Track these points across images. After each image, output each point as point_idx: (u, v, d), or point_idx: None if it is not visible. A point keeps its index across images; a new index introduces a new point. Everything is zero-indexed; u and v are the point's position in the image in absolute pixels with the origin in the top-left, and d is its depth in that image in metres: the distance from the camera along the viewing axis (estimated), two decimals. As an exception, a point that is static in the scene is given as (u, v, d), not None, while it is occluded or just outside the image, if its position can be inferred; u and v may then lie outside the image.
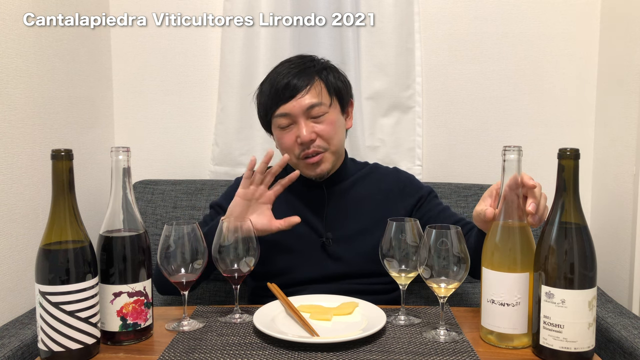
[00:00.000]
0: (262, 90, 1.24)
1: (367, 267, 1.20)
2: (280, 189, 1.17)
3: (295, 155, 1.20)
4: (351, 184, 1.30)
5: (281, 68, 1.22)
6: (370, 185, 1.30)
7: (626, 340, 1.09)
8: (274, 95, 1.19)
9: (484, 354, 0.87)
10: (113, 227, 0.92)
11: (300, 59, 1.25)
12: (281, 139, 1.21)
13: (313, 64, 1.23)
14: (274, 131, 1.24)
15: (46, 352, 0.83)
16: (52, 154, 0.83)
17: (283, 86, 1.17)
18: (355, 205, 1.27)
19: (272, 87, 1.19)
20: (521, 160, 0.90)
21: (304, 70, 1.20)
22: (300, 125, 1.17)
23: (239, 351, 0.87)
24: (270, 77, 1.22)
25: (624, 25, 1.55)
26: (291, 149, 1.20)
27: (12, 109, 1.23)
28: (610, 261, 1.55)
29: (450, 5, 1.71)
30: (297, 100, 1.17)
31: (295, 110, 1.17)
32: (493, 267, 0.89)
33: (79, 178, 0.95)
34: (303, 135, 1.16)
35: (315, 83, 1.19)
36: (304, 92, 1.17)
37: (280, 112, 1.18)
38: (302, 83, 1.18)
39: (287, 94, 1.17)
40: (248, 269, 0.99)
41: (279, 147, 1.25)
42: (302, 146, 1.18)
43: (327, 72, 1.23)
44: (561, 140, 1.72)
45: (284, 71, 1.20)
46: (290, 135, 1.19)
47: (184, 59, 1.75)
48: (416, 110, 1.72)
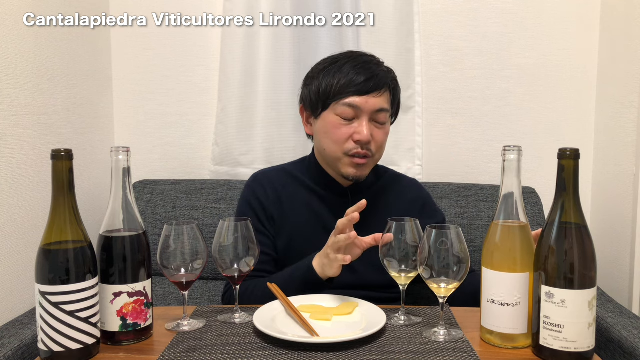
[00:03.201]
0: (337, 69, 1.17)
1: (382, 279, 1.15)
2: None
3: (344, 151, 1.16)
4: (375, 193, 1.27)
5: (358, 59, 1.18)
6: (393, 196, 1.29)
7: (626, 340, 1.09)
8: (349, 83, 1.14)
9: (484, 354, 0.87)
10: (113, 227, 0.92)
11: (370, 57, 1.21)
12: (337, 128, 1.16)
13: (386, 69, 1.20)
14: (327, 116, 1.17)
15: (46, 352, 0.83)
16: (52, 154, 0.83)
17: (366, 78, 1.14)
18: (376, 216, 1.23)
19: (352, 73, 1.14)
20: (521, 160, 0.90)
21: (380, 73, 1.17)
22: (363, 123, 1.14)
23: (239, 351, 0.87)
24: (350, 62, 1.17)
25: (624, 25, 1.55)
26: (341, 143, 1.16)
27: (12, 109, 1.23)
28: (610, 261, 1.55)
29: (450, 5, 1.71)
30: (373, 98, 1.14)
31: (366, 107, 1.14)
32: (493, 267, 0.89)
33: (79, 178, 0.95)
34: (364, 135, 1.13)
35: (386, 89, 1.17)
36: (380, 93, 1.15)
37: (350, 102, 1.14)
38: (380, 84, 1.15)
39: (366, 88, 1.13)
40: (248, 269, 0.99)
41: (323, 135, 1.19)
42: (357, 144, 1.15)
43: (395, 83, 1.21)
44: (561, 140, 1.72)
45: (362, 64, 1.16)
46: (347, 129, 1.15)
47: (184, 59, 1.75)
48: (416, 110, 1.72)
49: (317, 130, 1.21)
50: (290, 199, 1.25)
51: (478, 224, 1.54)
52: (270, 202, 1.25)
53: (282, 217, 1.24)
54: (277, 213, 1.25)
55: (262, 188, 1.27)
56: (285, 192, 1.26)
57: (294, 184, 1.27)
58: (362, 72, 1.15)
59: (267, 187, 1.27)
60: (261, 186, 1.27)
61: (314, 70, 1.22)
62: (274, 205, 1.25)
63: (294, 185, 1.27)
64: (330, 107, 1.16)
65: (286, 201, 1.25)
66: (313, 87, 1.19)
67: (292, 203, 1.25)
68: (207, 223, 1.54)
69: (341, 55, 1.21)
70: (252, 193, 1.27)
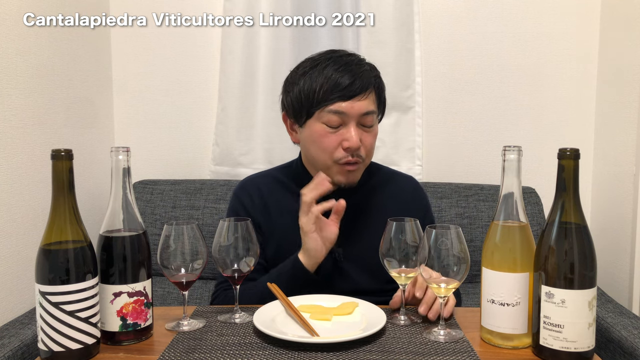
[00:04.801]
0: (318, 73, 1.11)
1: (378, 286, 1.17)
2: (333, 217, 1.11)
3: (334, 159, 1.12)
4: (366, 193, 1.23)
5: (339, 60, 1.12)
6: (386, 196, 1.25)
7: (626, 340, 1.09)
8: (333, 88, 1.09)
9: (484, 354, 0.87)
10: (113, 227, 0.92)
11: (351, 56, 1.15)
12: (324, 137, 1.11)
13: (368, 68, 1.15)
14: (313, 125, 1.12)
15: (46, 352, 0.83)
16: (52, 154, 0.83)
17: (348, 83, 1.08)
18: (369, 219, 1.21)
19: (332, 78, 1.09)
20: (521, 160, 0.90)
21: (363, 73, 1.11)
22: (351, 129, 1.10)
23: (239, 351, 0.87)
24: (331, 64, 1.11)
25: (624, 25, 1.55)
26: (330, 151, 1.12)
27: (12, 109, 1.23)
28: (610, 261, 1.55)
29: (450, 5, 1.71)
30: (358, 103, 1.09)
31: (352, 112, 1.09)
32: (493, 267, 0.89)
33: (79, 178, 0.95)
34: (353, 141, 1.09)
35: (371, 89, 1.12)
36: (365, 96, 1.10)
37: (335, 109, 1.09)
38: (365, 86, 1.10)
39: (351, 92, 1.09)
40: (248, 269, 0.99)
41: (310, 144, 1.15)
42: (347, 151, 1.11)
43: (378, 81, 1.16)
44: (561, 140, 1.72)
45: (343, 66, 1.11)
46: (335, 136, 1.11)
47: (184, 59, 1.75)
48: (416, 110, 1.72)
49: (303, 139, 1.17)
50: (276, 205, 1.23)
51: (478, 224, 1.54)
52: (256, 209, 1.23)
53: (269, 223, 1.22)
54: (263, 220, 1.22)
55: (248, 196, 1.25)
56: (271, 198, 1.24)
57: (281, 190, 1.25)
58: (345, 74, 1.09)
59: (254, 195, 1.25)
60: (247, 194, 1.25)
61: (293, 75, 1.16)
62: (261, 212, 1.23)
63: (280, 191, 1.25)
64: (315, 116, 1.11)
65: (273, 207, 1.23)
66: (294, 93, 1.14)
67: (279, 209, 1.23)
68: (207, 223, 1.54)
69: (321, 57, 1.15)
70: (239, 201, 1.25)
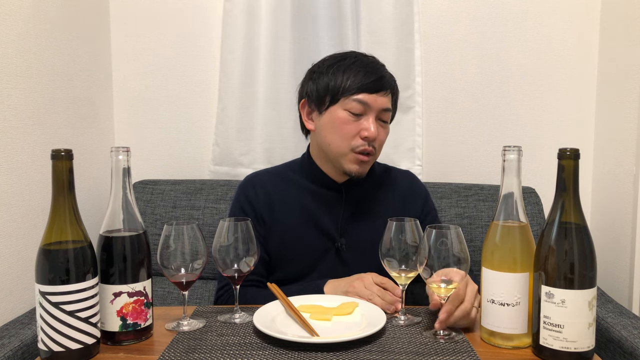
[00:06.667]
0: (347, 67, 1.18)
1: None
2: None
3: (351, 147, 1.17)
4: (369, 188, 1.28)
5: (365, 59, 1.20)
6: (386, 190, 1.30)
7: (626, 340, 1.10)
8: (361, 80, 1.16)
9: (484, 354, 0.87)
10: (113, 227, 0.92)
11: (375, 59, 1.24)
12: (345, 124, 1.17)
13: (389, 73, 1.22)
14: (335, 111, 1.18)
15: (46, 352, 0.83)
16: (52, 154, 0.83)
17: (375, 78, 1.16)
18: (371, 211, 1.25)
19: (362, 71, 1.17)
20: (521, 160, 0.90)
21: (386, 74, 1.20)
22: (370, 120, 1.16)
23: (239, 351, 0.87)
24: (359, 62, 1.19)
25: (624, 25, 1.55)
26: (348, 139, 1.17)
27: (12, 108, 1.23)
28: (610, 261, 1.55)
29: (450, 6, 1.71)
30: (382, 97, 1.17)
31: (375, 105, 1.16)
32: (493, 267, 0.89)
33: (79, 178, 0.96)
34: (372, 132, 1.15)
35: (390, 91, 1.20)
36: (386, 93, 1.18)
37: (361, 99, 1.15)
38: (387, 85, 1.18)
39: (375, 87, 1.16)
40: (248, 269, 0.99)
41: (329, 130, 1.19)
42: (364, 140, 1.16)
43: (396, 87, 1.24)
44: (561, 140, 1.72)
45: (370, 65, 1.19)
46: (355, 125, 1.16)
47: (184, 59, 1.75)
48: (416, 110, 1.72)
49: (321, 126, 1.21)
50: (281, 200, 1.25)
51: (478, 224, 1.54)
52: (260, 203, 1.25)
53: (273, 218, 1.24)
54: (267, 214, 1.24)
55: (253, 190, 1.27)
56: (276, 193, 1.26)
57: (286, 184, 1.27)
58: (371, 71, 1.17)
59: (258, 189, 1.27)
60: (252, 188, 1.27)
61: (320, 66, 1.22)
62: (265, 206, 1.25)
63: (285, 186, 1.27)
64: (340, 102, 1.17)
65: (277, 202, 1.25)
66: (321, 81, 1.19)
67: (284, 204, 1.25)
68: (207, 223, 1.55)
69: (348, 54, 1.22)
70: (244, 195, 1.27)
